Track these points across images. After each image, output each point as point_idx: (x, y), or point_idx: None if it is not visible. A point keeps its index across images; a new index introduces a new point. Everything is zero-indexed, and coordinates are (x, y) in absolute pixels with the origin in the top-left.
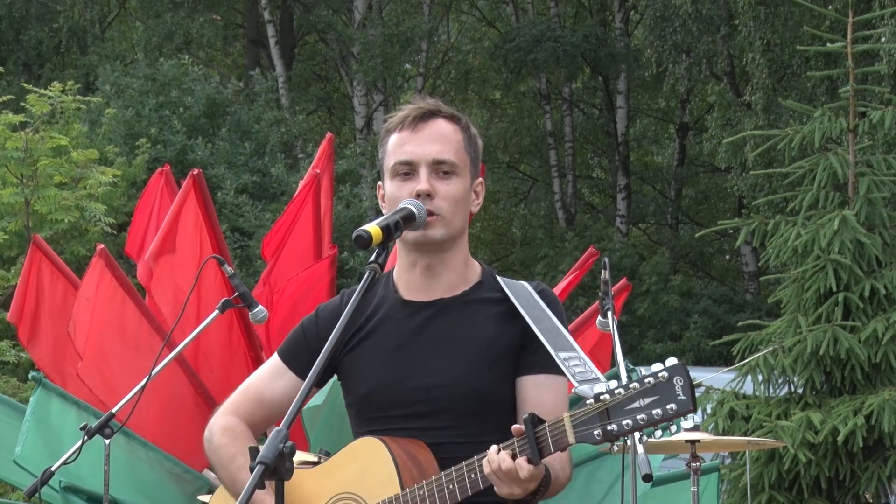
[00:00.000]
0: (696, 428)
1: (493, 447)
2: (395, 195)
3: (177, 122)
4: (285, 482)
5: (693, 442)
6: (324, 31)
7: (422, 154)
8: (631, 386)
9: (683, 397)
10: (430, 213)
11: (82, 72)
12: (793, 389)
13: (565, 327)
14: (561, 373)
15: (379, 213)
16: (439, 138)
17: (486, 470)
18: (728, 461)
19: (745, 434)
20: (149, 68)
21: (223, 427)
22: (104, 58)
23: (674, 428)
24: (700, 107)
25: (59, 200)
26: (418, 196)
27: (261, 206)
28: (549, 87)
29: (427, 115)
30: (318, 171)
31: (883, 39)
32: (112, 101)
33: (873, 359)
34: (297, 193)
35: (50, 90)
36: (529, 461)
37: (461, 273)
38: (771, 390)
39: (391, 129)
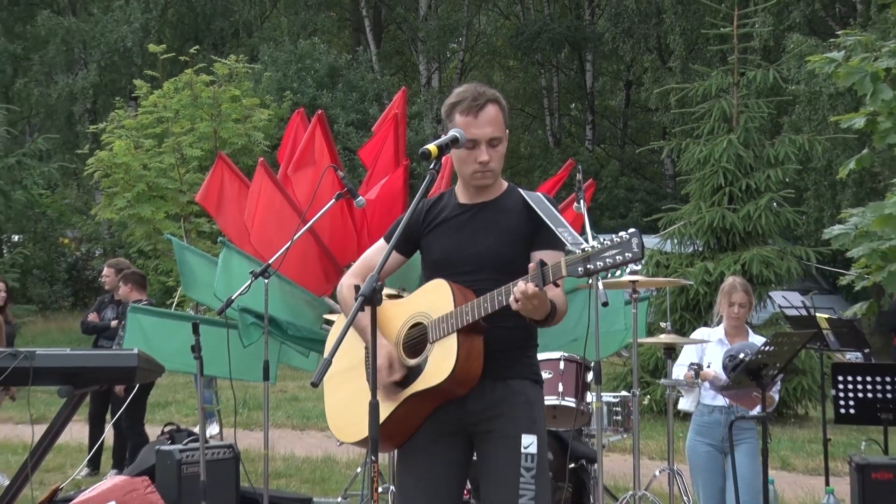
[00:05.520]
0: (636, 273)
1: (521, 280)
2: (464, 159)
3: (309, 80)
4: (378, 308)
5: (634, 281)
6: (400, 23)
7: (481, 135)
8: (605, 241)
9: (637, 250)
10: (487, 170)
11: (248, 48)
12: (696, 249)
13: (559, 213)
14: (557, 248)
15: (435, 138)
16: (491, 122)
17: (513, 291)
18: (655, 293)
19: (666, 276)
20: (291, 45)
21: (348, 284)
22: (262, 40)
23: (627, 270)
24: (639, 70)
25: (235, 130)
26: (481, 163)
27: (362, 134)
28: (543, 59)
29: (482, 105)
30: (397, 112)
31: (756, 25)
32: (268, 68)
33: (747, 228)
34: (383, 121)
35: (228, 61)
36: (536, 285)
37: (495, 187)
38: (682, 249)
39: (456, 109)
